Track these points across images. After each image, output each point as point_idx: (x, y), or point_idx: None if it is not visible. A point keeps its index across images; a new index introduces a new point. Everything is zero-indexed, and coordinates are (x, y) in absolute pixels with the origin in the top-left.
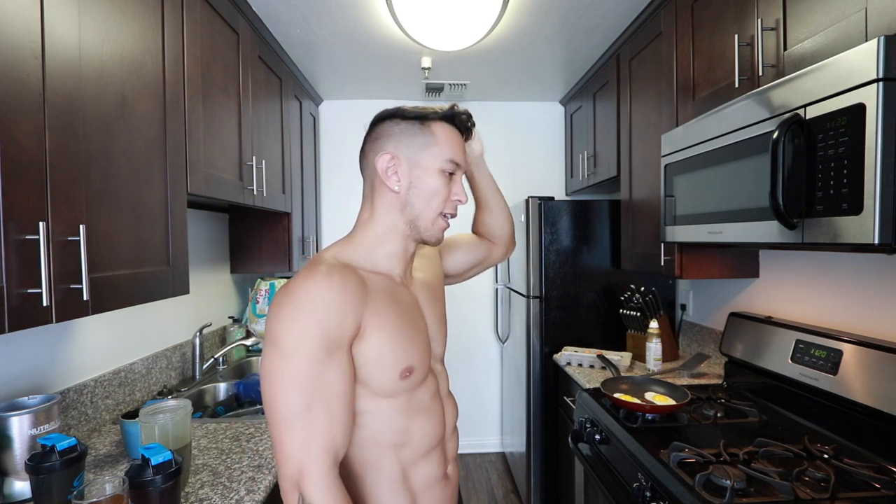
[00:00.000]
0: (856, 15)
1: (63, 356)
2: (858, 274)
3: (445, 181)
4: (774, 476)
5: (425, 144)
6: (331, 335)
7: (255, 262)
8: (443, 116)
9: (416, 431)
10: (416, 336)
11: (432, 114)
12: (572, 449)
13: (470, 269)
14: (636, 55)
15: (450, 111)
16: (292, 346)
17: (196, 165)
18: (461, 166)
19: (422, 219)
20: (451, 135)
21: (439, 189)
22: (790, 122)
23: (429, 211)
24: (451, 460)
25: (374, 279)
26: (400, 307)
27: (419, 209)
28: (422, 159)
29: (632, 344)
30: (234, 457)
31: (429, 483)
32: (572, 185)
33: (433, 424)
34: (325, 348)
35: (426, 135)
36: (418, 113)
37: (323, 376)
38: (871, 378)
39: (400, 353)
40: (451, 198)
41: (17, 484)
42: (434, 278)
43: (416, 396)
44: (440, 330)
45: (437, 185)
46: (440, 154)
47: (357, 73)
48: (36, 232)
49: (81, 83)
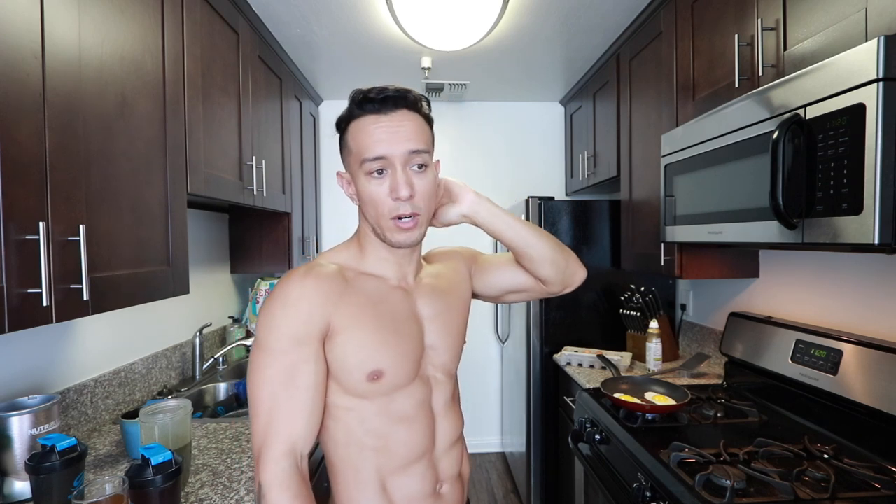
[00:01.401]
0: (856, 15)
1: (63, 356)
2: (858, 274)
3: (378, 182)
4: (774, 476)
5: (347, 155)
6: (297, 331)
7: (255, 262)
8: (349, 114)
9: (393, 438)
10: (396, 340)
11: (343, 116)
12: (572, 449)
13: (507, 294)
14: (636, 55)
15: (358, 96)
16: (265, 341)
17: (196, 165)
18: (384, 157)
19: (379, 226)
20: (361, 131)
21: (373, 193)
22: (790, 122)
23: (379, 218)
24: (446, 479)
25: (364, 281)
26: (381, 310)
27: (372, 218)
28: (351, 170)
29: (632, 344)
30: (234, 457)
31: (410, 498)
32: (572, 185)
33: (415, 435)
34: (292, 343)
35: (345, 145)
36: (338, 120)
37: (290, 369)
38: (871, 378)
39: (366, 356)
40: (390, 196)
41: (17, 484)
42: (451, 288)
43: (395, 402)
44: (447, 340)
45: (368, 190)
46: (355, 160)
47: (357, 73)
48: (36, 232)
49: (81, 83)
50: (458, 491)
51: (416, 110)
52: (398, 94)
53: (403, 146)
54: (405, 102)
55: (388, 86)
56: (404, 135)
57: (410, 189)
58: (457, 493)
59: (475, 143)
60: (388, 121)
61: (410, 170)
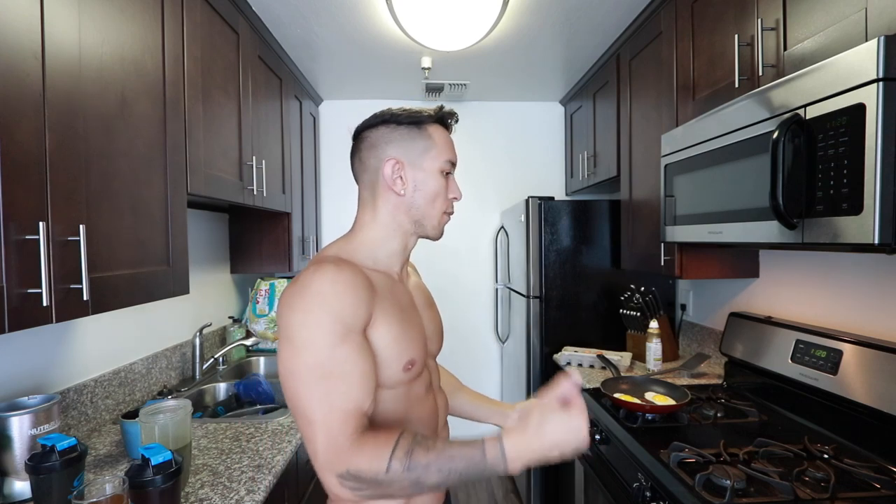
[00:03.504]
0: (856, 15)
1: (63, 356)
2: (858, 274)
3: (444, 181)
4: (774, 476)
5: (426, 148)
6: (345, 322)
7: (255, 262)
8: (436, 119)
9: (414, 420)
10: (415, 331)
11: (426, 117)
12: None
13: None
14: (636, 55)
15: (440, 112)
16: (308, 338)
17: (196, 165)
18: (455, 165)
19: (427, 218)
20: (444, 136)
21: (440, 190)
22: (790, 122)
23: (433, 210)
24: None
25: (376, 277)
26: (400, 303)
27: (424, 210)
28: (423, 162)
29: (632, 344)
30: (234, 457)
31: None
32: (572, 185)
33: (428, 414)
34: (340, 335)
35: (424, 138)
36: (413, 117)
37: (342, 362)
38: (871, 378)
39: (404, 347)
40: (448, 196)
41: (17, 484)
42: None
43: (413, 388)
44: (435, 330)
45: (438, 186)
46: (438, 156)
47: (357, 73)
48: (36, 232)
49: (81, 83)
50: None
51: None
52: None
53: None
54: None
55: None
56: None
57: (461, 195)
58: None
59: (475, 143)
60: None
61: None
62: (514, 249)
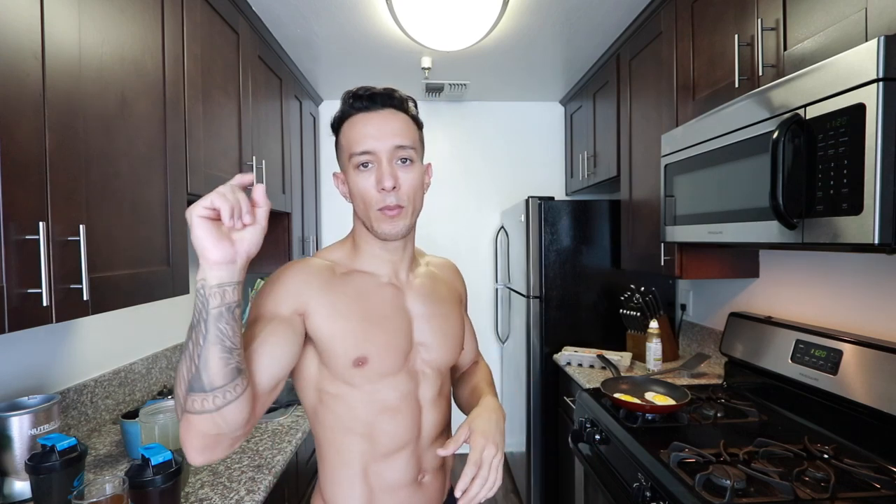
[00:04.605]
0: (856, 15)
1: (63, 356)
2: (858, 274)
3: (365, 176)
4: (774, 476)
5: (342, 151)
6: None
7: (255, 262)
8: (341, 115)
9: (378, 427)
10: (382, 331)
11: (337, 118)
12: (572, 449)
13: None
14: (636, 55)
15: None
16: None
17: (196, 165)
18: (371, 151)
19: (367, 220)
20: (351, 128)
21: (360, 186)
22: (790, 122)
23: (368, 211)
24: (429, 470)
25: (354, 277)
26: (369, 304)
27: (363, 212)
28: (345, 166)
29: (632, 344)
30: (234, 457)
31: (391, 486)
32: (572, 185)
33: (400, 426)
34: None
35: (339, 144)
36: (333, 124)
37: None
38: (871, 378)
39: (353, 343)
40: (377, 188)
41: (17, 484)
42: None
43: (380, 392)
44: (440, 340)
45: (357, 184)
46: (345, 155)
47: (357, 73)
48: (36, 232)
49: (81, 83)
50: (439, 481)
51: (402, 109)
52: (385, 92)
53: (389, 141)
54: (391, 101)
55: (375, 86)
56: (390, 131)
57: (394, 181)
58: (438, 484)
59: (475, 143)
60: (376, 117)
61: (396, 164)
62: (514, 249)
